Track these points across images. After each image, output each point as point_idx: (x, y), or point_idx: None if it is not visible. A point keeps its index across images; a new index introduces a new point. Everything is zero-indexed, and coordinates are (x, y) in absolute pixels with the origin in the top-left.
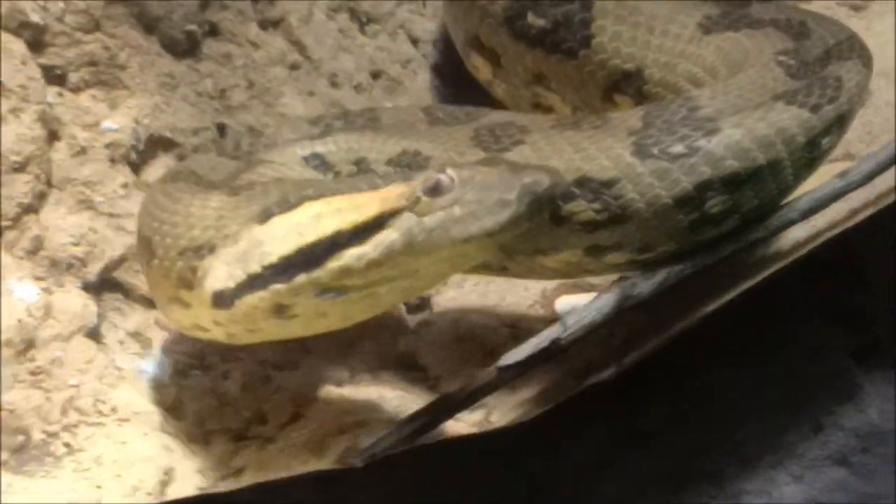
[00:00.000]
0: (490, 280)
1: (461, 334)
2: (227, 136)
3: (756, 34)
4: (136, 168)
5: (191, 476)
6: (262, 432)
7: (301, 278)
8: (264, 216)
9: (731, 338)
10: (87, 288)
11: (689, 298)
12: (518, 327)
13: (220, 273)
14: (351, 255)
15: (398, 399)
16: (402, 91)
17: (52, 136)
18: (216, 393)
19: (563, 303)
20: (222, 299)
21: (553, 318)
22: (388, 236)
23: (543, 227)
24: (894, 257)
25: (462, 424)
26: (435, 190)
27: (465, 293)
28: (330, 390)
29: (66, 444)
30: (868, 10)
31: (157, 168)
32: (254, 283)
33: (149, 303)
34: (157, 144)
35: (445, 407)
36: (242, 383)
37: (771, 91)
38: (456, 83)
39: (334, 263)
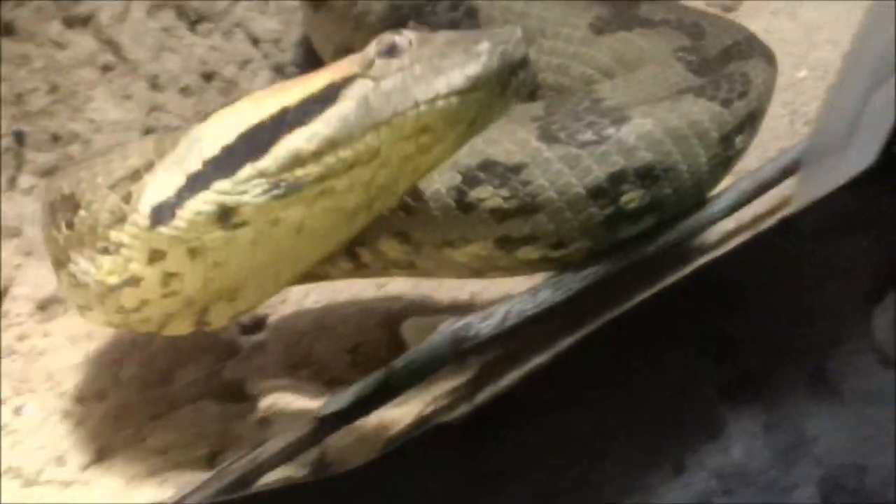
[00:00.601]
0: (334, 296)
1: (296, 361)
2: (27, 144)
3: (650, 33)
4: None
5: None
6: (57, 475)
7: (246, 170)
8: (204, 117)
9: (593, 368)
10: None
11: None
12: (359, 353)
13: (158, 183)
14: (299, 135)
15: (218, 437)
16: (240, 94)
17: None
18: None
19: (409, 327)
20: (161, 213)
21: (398, 344)
22: (340, 108)
23: (451, 214)
24: (767, 283)
25: (292, 467)
26: (391, 51)
27: (306, 312)
28: (142, 425)
29: None
30: (738, 10)
31: None
32: (195, 184)
33: None
34: None
35: (257, 469)
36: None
37: (675, 85)
38: None
39: (281, 148)
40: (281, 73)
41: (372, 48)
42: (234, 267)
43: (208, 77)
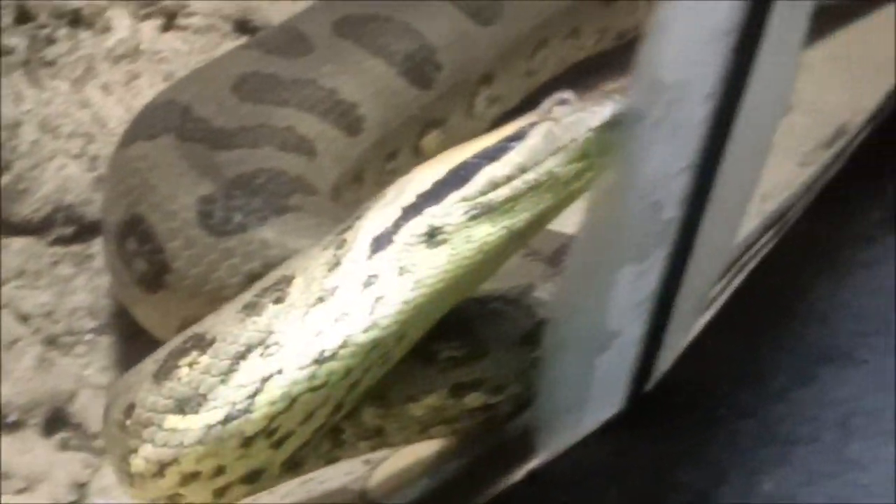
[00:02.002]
0: None
1: None
2: None
3: None
4: None
5: None
6: None
7: (453, 196)
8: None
9: None
10: None
11: None
12: None
13: (375, 220)
14: (495, 165)
15: None
16: None
17: None
18: None
19: None
20: (380, 241)
21: None
22: (529, 141)
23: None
24: None
25: None
26: (562, 102)
27: None
28: None
29: None
30: None
31: None
32: (408, 213)
33: None
34: None
35: None
36: None
37: None
38: None
39: (481, 176)
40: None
41: (547, 103)
42: (431, 284)
43: None
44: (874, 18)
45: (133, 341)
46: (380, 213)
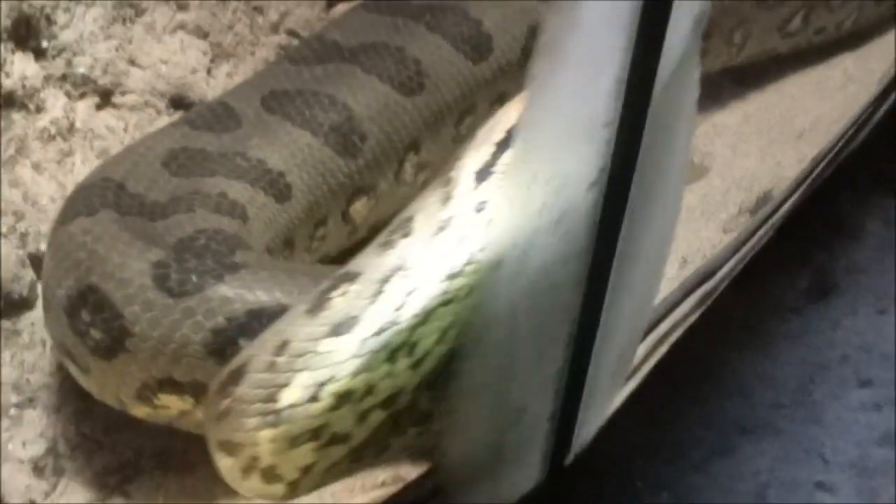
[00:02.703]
0: None
1: None
2: None
3: None
4: None
5: None
6: None
7: None
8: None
9: None
10: None
11: None
12: None
13: (473, 157)
14: None
15: None
16: None
17: None
18: None
19: None
20: (482, 174)
21: None
22: None
23: None
24: None
25: None
26: None
27: None
28: None
29: None
30: None
31: None
32: (501, 147)
33: None
34: None
35: None
36: None
37: None
38: None
39: None
40: None
41: None
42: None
43: None
44: (788, 83)
45: (58, 414)
46: (476, 151)
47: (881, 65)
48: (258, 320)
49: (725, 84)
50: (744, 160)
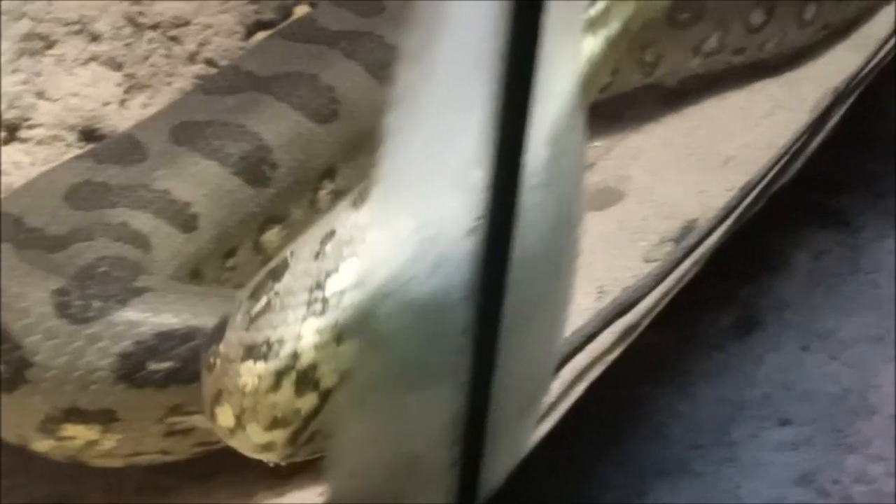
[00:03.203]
0: None
1: None
2: None
3: None
4: None
5: None
6: None
7: None
8: None
9: None
10: None
11: None
12: None
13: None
14: None
15: None
16: None
17: None
18: None
19: None
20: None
21: None
22: None
23: None
24: None
25: None
26: None
27: None
28: None
29: None
30: None
31: None
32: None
33: None
34: None
35: None
36: None
37: None
38: None
39: None
40: None
41: None
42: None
43: None
44: (709, 105)
45: None
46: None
47: (812, 92)
48: (168, 342)
49: (641, 105)
50: (664, 186)
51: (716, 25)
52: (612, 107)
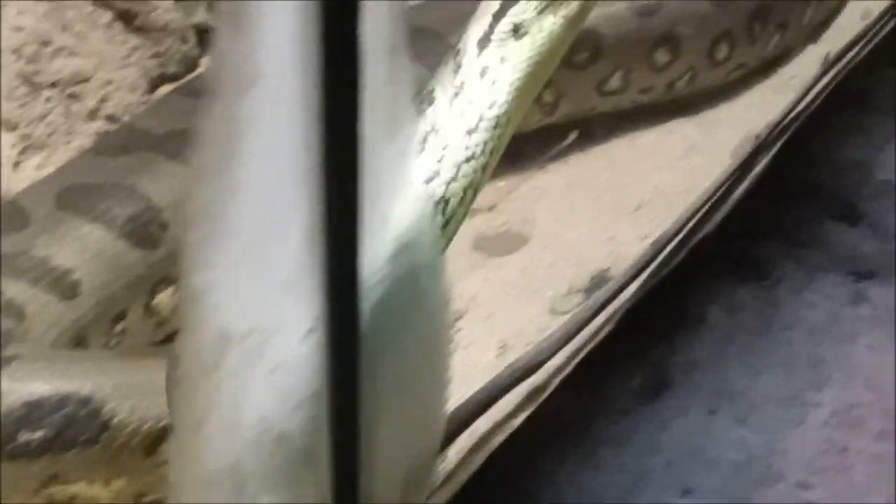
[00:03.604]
0: None
1: None
2: None
3: None
4: None
5: None
6: None
7: None
8: None
9: None
10: None
11: None
12: None
13: (476, 28)
14: None
15: None
16: None
17: None
18: None
19: None
20: (483, 42)
21: None
22: None
23: None
24: None
25: None
26: None
27: None
28: None
29: None
30: None
31: None
32: (497, 17)
33: None
34: None
35: None
36: None
37: None
38: None
39: None
40: None
41: None
42: (523, 68)
43: None
44: (617, 146)
45: None
46: (478, 23)
47: (730, 134)
48: (39, 411)
49: (544, 144)
50: (571, 231)
51: (616, 65)
52: (514, 146)
